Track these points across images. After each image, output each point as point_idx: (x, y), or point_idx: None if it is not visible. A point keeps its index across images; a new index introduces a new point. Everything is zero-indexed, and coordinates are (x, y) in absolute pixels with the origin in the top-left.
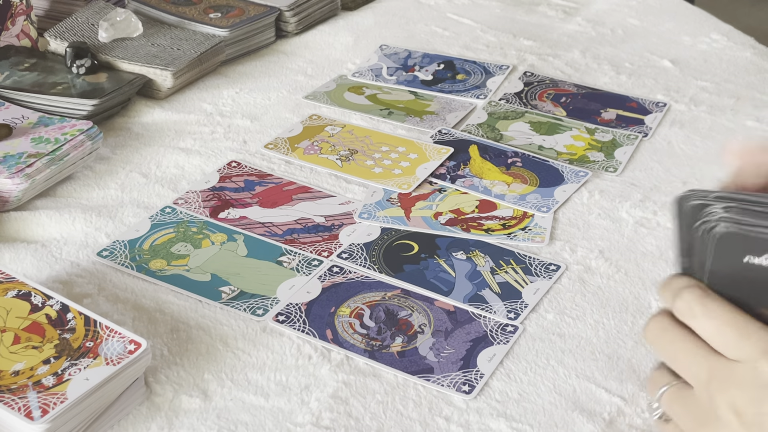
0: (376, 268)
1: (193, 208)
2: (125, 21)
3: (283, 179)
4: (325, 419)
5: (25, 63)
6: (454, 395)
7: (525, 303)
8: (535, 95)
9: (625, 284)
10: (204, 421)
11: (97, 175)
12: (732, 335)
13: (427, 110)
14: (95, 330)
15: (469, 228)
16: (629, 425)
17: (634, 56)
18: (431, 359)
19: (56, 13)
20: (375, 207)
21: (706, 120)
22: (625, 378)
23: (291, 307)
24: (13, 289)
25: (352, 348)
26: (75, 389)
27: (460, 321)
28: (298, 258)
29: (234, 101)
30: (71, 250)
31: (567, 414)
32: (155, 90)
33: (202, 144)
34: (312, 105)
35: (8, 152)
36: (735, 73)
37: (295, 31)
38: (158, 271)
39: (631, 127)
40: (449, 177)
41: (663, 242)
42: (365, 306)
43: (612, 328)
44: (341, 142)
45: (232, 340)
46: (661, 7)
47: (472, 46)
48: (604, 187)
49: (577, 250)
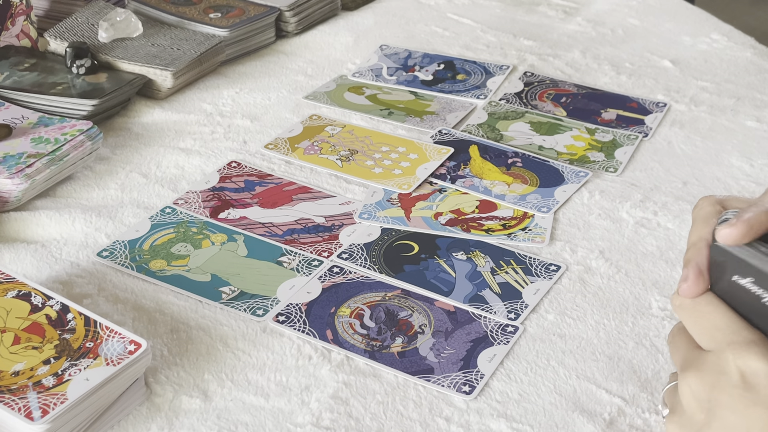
0: (377, 268)
1: (193, 209)
2: (125, 21)
3: (283, 179)
4: (325, 420)
5: (25, 63)
6: (454, 396)
7: (525, 303)
8: (536, 95)
9: (625, 284)
10: (204, 422)
11: (97, 175)
12: (707, 326)
13: (428, 110)
14: (95, 330)
15: (470, 228)
16: (630, 426)
17: (634, 56)
18: (431, 360)
19: (56, 13)
20: (375, 207)
21: (706, 120)
22: (625, 378)
23: (291, 307)
24: (13, 290)
25: (352, 348)
26: (75, 390)
27: (460, 321)
28: (298, 258)
29: (234, 101)
30: (71, 251)
31: (567, 414)
32: (155, 90)
33: (202, 144)
34: (312, 105)
35: (8, 152)
36: (735, 73)
37: (295, 31)
38: (158, 272)
39: (632, 127)
40: (449, 177)
41: (663, 242)
42: (365, 306)
43: (612, 328)
44: (341, 142)
45: (232, 340)
46: (661, 7)
47: (472, 46)
48: (604, 187)
49: (578, 251)
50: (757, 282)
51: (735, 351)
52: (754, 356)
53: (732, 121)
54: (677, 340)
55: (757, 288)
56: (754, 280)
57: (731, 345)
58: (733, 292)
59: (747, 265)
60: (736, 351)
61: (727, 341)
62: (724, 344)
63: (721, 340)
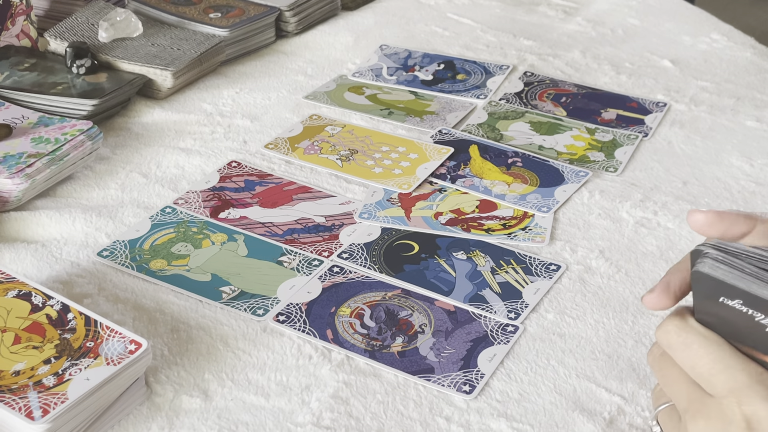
0: (377, 268)
1: (193, 208)
2: (125, 21)
3: (283, 179)
4: (325, 419)
5: (25, 63)
6: (454, 395)
7: (525, 303)
8: (535, 95)
9: (625, 284)
10: (204, 421)
11: (97, 175)
12: (704, 370)
13: (428, 110)
14: (96, 330)
15: (470, 228)
16: (629, 424)
17: (634, 56)
18: (432, 359)
19: (56, 13)
20: (375, 207)
21: (706, 120)
22: (625, 377)
23: (291, 307)
24: (14, 289)
25: (352, 348)
26: (75, 389)
27: (460, 321)
28: (298, 258)
29: (234, 101)
30: (71, 250)
31: (567, 414)
32: (155, 90)
33: (202, 144)
34: (312, 105)
35: (8, 152)
36: (735, 73)
37: (295, 31)
38: (158, 271)
39: (632, 127)
40: (449, 177)
41: (663, 242)
42: (365, 306)
43: (612, 327)
44: (341, 142)
45: (233, 340)
46: (661, 7)
47: (472, 46)
48: (604, 187)
49: (578, 250)
50: (745, 303)
51: (738, 397)
52: (757, 401)
53: (732, 121)
54: (673, 374)
55: (747, 308)
56: (742, 302)
57: (733, 392)
58: (722, 313)
59: (732, 288)
60: (740, 397)
61: (728, 388)
62: (725, 391)
63: (722, 387)
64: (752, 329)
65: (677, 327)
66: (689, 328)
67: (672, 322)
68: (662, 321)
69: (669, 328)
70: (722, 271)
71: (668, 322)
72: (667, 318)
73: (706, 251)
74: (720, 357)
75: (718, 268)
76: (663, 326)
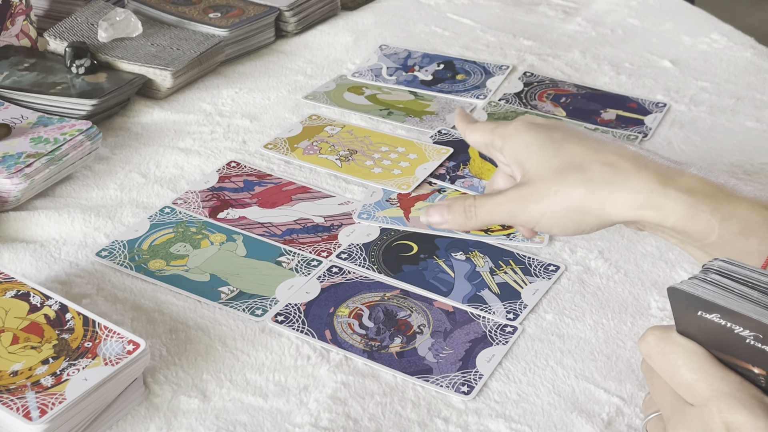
0: (375, 268)
1: (192, 209)
2: (125, 21)
3: (282, 179)
4: (323, 420)
5: (25, 63)
6: (453, 396)
7: (524, 303)
8: (535, 95)
9: (624, 285)
10: (203, 422)
11: (97, 175)
12: (683, 380)
13: (427, 110)
14: (94, 330)
15: None
16: (628, 425)
17: (634, 56)
18: (430, 360)
19: (56, 13)
20: (374, 207)
21: (706, 120)
22: (624, 378)
23: (290, 307)
24: (12, 289)
25: (351, 348)
26: (73, 389)
27: (459, 321)
28: (297, 258)
29: (233, 101)
30: (70, 250)
31: (566, 415)
32: (155, 90)
33: (201, 144)
34: (311, 105)
35: (7, 152)
36: (735, 73)
37: (295, 31)
38: (157, 272)
39: (631, 127)
40: (449, 177)
41: (663, 243)
42: (364, 306)
43: (611, 328)
44: (341, 142)
45: (231, 340)
46: (661, 7)
47: (472, 46)
48: None
49: (577, 251)
50: (723, 317)
51: (718, 405)
52: (737, 409)
53: (732, 122)
54: (659, 384)
55: (725, 322)
56: (720, 316)
57: (713, 400)
58: (701, 324)
59: (709, 303)
60: (720, 405)
61: (708, 397)
62: (705, 399)
63: (702, 396)
64: (732, 340)
65: (657, 338)
66: (669, 338)
67: (653, 333)
68: (644, 332)
69: (649, 339)
70: (699, 288)
71: (649, 333)
72: (648, 329)
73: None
74: (699, 366)
75: (695, 285)
76: (644, 337)
